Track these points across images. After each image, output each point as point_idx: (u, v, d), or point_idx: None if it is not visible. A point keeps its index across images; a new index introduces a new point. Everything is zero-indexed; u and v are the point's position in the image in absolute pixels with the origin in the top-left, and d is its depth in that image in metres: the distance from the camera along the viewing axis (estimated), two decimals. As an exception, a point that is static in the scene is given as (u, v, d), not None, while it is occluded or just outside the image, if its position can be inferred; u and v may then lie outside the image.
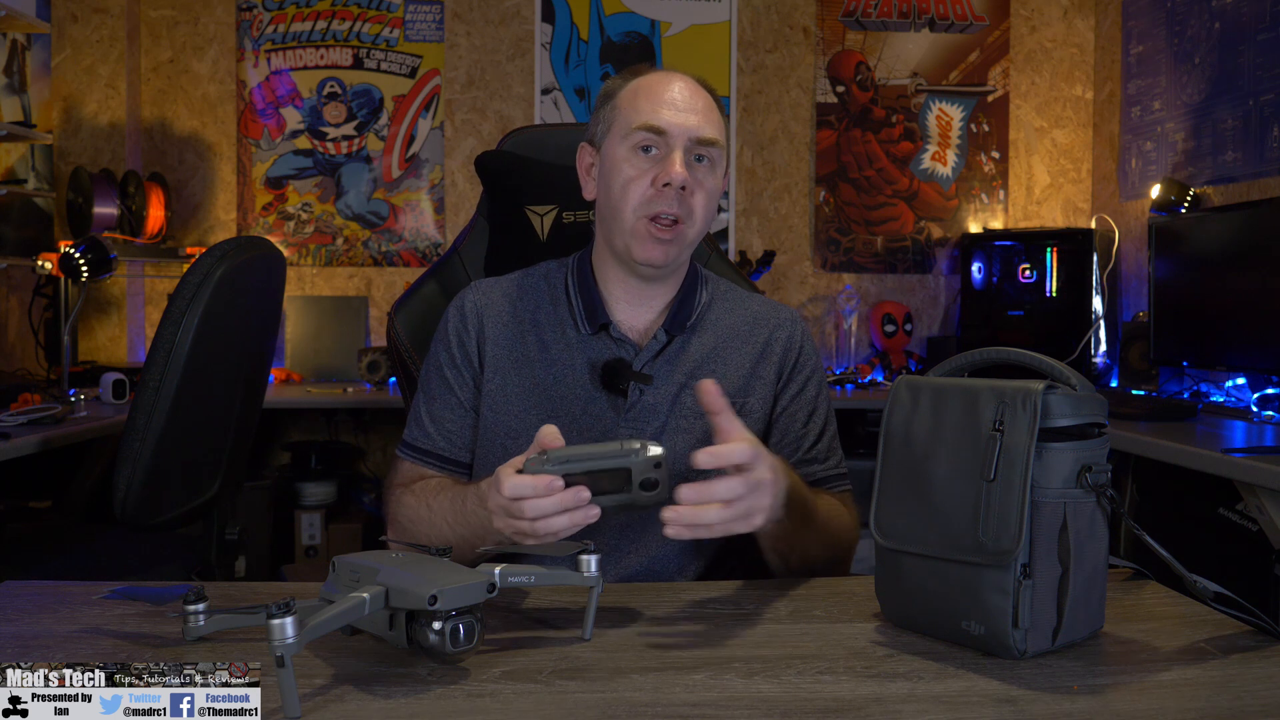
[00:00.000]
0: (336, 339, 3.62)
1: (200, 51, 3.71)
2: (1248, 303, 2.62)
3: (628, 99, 1.29)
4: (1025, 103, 3.94)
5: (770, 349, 1.36)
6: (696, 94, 1.28)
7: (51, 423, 2.32)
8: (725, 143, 1.31)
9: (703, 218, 1.28)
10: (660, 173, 1.25)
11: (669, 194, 1.24)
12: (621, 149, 1.27)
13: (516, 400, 1.30)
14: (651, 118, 1.25)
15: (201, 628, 0.92)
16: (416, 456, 1.34)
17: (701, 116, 1.27)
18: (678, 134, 1.25)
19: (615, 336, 1.31)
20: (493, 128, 3.77)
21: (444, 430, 1.33)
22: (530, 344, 1.33)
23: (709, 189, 1.28)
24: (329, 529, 3.45)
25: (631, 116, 1.27)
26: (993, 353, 1.02)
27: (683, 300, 1.34)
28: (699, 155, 1.27)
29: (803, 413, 1.35)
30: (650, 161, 1.26)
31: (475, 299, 1.36)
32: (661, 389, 1.30)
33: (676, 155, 1.25)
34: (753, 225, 3.88)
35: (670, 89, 1.27)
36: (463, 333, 1.34)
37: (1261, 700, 0.81)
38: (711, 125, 1.28)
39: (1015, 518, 0.88)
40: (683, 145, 1.25)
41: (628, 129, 1.27)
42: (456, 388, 1.33)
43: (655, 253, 1.26)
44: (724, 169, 1.33)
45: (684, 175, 1.24)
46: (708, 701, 0.81)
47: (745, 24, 3.86)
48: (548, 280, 1.38)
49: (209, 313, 1.78)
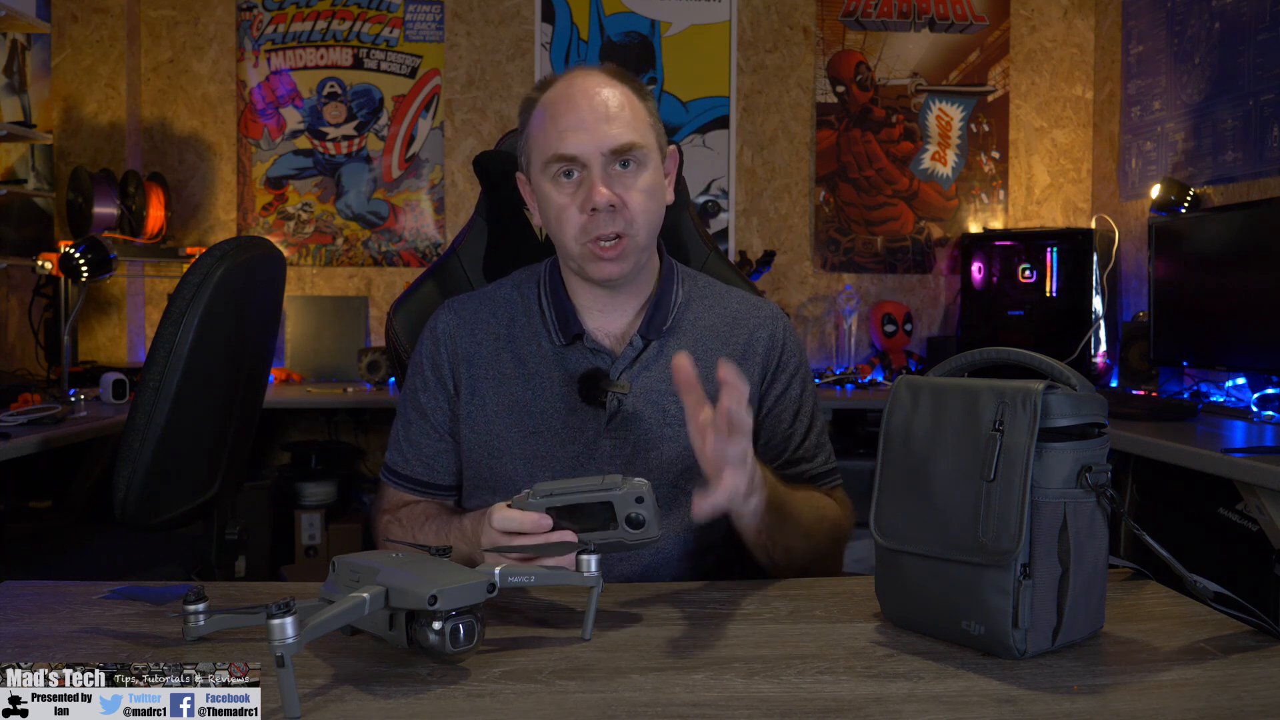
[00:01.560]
0: (336, 339, 3.62)
1: (200, 51, 3.71)
2: (1248, 303, 2.62)
3: (537, 125, 1.25)
4: (1025, 103, 3.94)
5: (752, 349, 1.33)
6: (605, 96, 1.22)
7: (51, 423, 2.32)
8: (652, 135, 1.25)
9: (645, 221, 1.24)
10: (585, 198, 1.21)
11: (600, 217, 1.21)
12: (544, 180, 1.24)
13: (497, 419, 1.29)
14: (559, 146, 1.21)
15: (201, 628, 0.92)
16: (398, 482, 1.34)
17: (615, 123, 1.21)
18: (590, 153, 1.20)
19: (590, 346, 1.29)
20: (493, 128, 3.77)
21: (421, 456, 1.33)
22: (506, 361, 1.31)
23: (643, 189, 1.23)
24: (329, 529, 3.45)
25: (544, 145, 1.23)
26: (993, 353, 1.02)
27: (657, 303, 1.31)
28: (623, 161, 1.22)
29: (788, 412, 1.33)
30: (574, 185, 1.22)
31: (448, 320, 1.34)
32: (642, 396, 1.28)
33: (595, 176, 1.20)
34: (753, 225, 3.88)
35: (573, 105, 1.21)
36: (436, 357, 1.32)
37: (1261, 700, 0.81)
38: (627, 128, 1.21)
39: (1015, 518, 0.88)
40: (599, 163, 1.21)
41: (543, 160, 1.23)
42: (431, 413, 1.32)
43: (608, 270, 1.24)
44: (660, 157, 1.27)
45: (607, 196, 1.20)
46: (708, 701, 0.81)
47: (745, 24, 3.86)
48: (520, 291, 1.35)
49: (209, 313, 1.77)
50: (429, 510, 1.29)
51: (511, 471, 1.27)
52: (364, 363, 3.37)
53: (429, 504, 1.32)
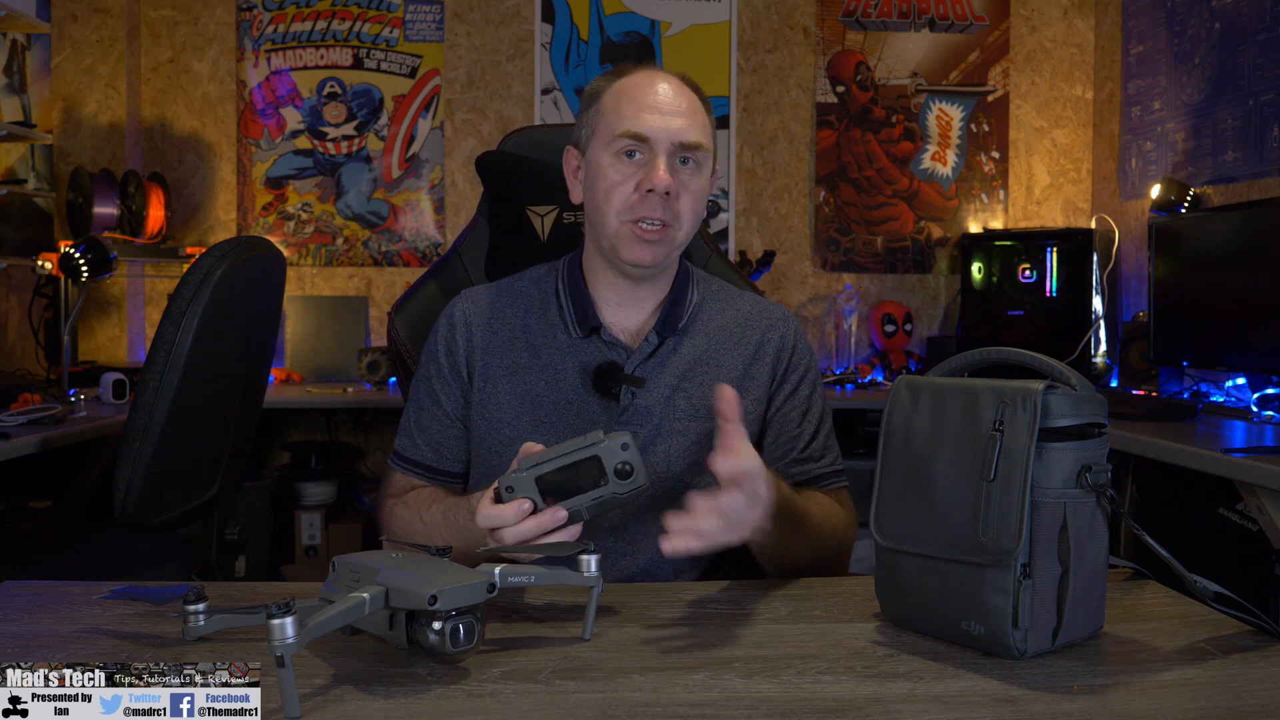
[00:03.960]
0: (336, 339, 3.62)
1: (200, 51, 3.71)
2: (1248, 303, 2.62)
3: (610, 103, 1.28)
4: (1025, 103, 3.94)
5: (763, 350, 1.35)
6: (680, 95, 1.27)
7: (51, 423, 2.32)
8: (712, 143, 1.30)
9: (690, 220, 1.28)
10: (644, 179, 1.24)
11: (653, 199, 1.24)
12: (605, 155, 1.26)
13: (509, 407, 1.30)
14: (634, 124, 1.24)
15: (201, 628, 0.92)
16: (406, 467, 1.35)
17: (686, 119, 1.25)
18: (661, 139, 1.24)
19: (606, 340, 1.31)
20: (493, 128, 3.77)
21: (431, 442, 1.34)
22: (521, 350, 1.32)
23: (695, 191, 1.27)
24: (329, 529, 3.45)
25: (615, 122, 1.26)
26: (993, 353, 1.02)
27: (674, 301, 1.34)
28: (684, 158, 1.26)
29: (797, 412, 1.35)
30: (634, 166, 1.25)
31: (464, 308, 1.36)
32: (654, 391, 1.29)
33: (660, 161, 1.24)
34: (753, 225, 3.88)
35: (653, 92, 1.26)
36: (451, 344, 1.34)
37: (1261, 700, 0.81)
38: (696, 128, 1.26)
39: (1015, 518, 0.88)
40: (666, 150, 1.24)
41: (611, 135, 1.26)
42: (444, 399, 1.33)
43: (642, 253, 1.26)
44: (711, 169, 1.31)
45: (668, 180, 1.23)
46: (708, 701, 0.81)
47: (745, 24, 3.86)
48: (538, 285, 1.37)
49: (209, 313, 1.77)
50: (435, 494, 1.29)
51: None
52: (364, 363, 3.37)
53: (436, 489, 1.32)
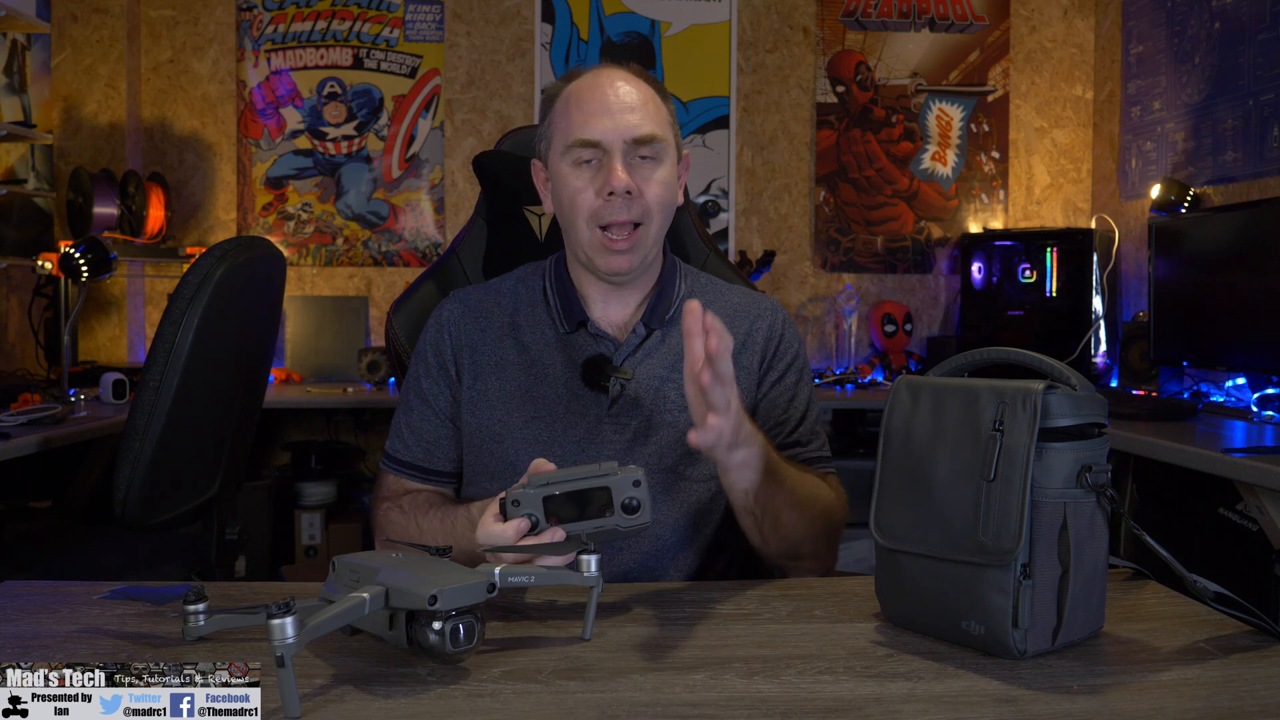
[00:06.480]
0: (336, 339, 3.62)
1: (200, 51, 3.71)
2: (1248, 303, 2.62)
3: (561, 110, 1.28)
4: (1025, 103, 3.94)
5: (752, 339, 1.35)
6: (630, 90, 1.26)
7: (51, 423, 2.32)
8: (670, 131, 1.29)
9: (660, 212, 1.27)
10: (603, 183, 1.23)
11: (616, 201, 1.23)
12: (563, 164, 1.27)
13: (499, 403, 1.30)
14: (583, 130, 1.24)
15: (201, 628, 0.92)
16: (398, 468, 1.35)
17: (638, 114, 1.25)
18: (613, 139, 1.23)
19: (594, 333, 1.31)
20: (493, 128, 3.77)
21: (422, 442, 1.34)
22: (509, 347, 1.33)
23: (659, 180, 1.26)
24: (329, 529, 3.45)
25: (567, 130, 1.26)
26: (993, 353, 1.02)
27: (660, 293, 1.34)
28: (642, 154, 1.25)
29: (783, 398, 1.35)
30: (593, 171, 1.25)
31: (452, 309, 1.36)
32: (643, 383, 1.30)
33: (616, 162, 1.23)
34: (753, 225, 3.88)
35: (599, 93, 1.25)
36: (439, 343, 1.34)
37: (1261, 700, 0.81)
38: (649, 120, 1.25)
39: (1015, 518, 0.88)
40: (620, 150, 1.24)
41: (564, 145, 1.26)
42: (433, 398, 1.34)
43: (618, 263, 1.26)
44: (676, 156, 1.30)
45: (626, 181, 1.23)
46: (708, 701, 0.81)
47: (745, 24, 3.86)
48: (525, 283, 1.38)
49: (209, 313, 1.77)
50: (431, 499, 1.30)
51: (513, 457, 1.28)
52: (364, 363, 3.37)
53: (431, 493, 1.33)
